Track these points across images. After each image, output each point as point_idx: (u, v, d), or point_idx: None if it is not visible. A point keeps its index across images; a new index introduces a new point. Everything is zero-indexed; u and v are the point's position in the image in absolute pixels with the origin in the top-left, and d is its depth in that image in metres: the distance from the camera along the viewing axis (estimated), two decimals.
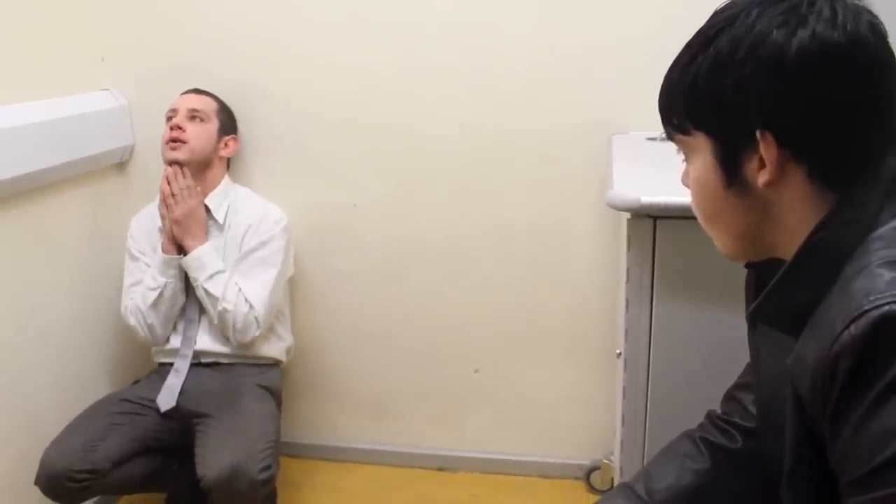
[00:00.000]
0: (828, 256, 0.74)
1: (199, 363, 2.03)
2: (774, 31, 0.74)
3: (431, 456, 2.37)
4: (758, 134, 0.75)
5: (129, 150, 2.25)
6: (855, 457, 0.66)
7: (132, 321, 2.02)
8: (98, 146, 2.12)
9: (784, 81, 0.73)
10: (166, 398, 1.94)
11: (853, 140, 0.75)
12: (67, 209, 2.06)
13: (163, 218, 2.00)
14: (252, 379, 2.02)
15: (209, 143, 2.04)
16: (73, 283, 2.08)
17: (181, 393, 1.95)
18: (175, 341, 2.04)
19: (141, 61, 2.20)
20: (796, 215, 0.78)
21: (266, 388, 2.02)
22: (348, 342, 2.34)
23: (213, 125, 2.06)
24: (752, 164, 0.77)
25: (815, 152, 0.75)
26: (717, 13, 0.80)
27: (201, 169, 2.03)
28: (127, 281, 2.07)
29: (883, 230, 0.73)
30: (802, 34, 0.72)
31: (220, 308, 1.96)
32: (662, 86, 0.85)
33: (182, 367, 2.00)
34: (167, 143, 2.00)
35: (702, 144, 0.82)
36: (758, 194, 0.79)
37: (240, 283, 1.99)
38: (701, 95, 0.79)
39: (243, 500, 1.74)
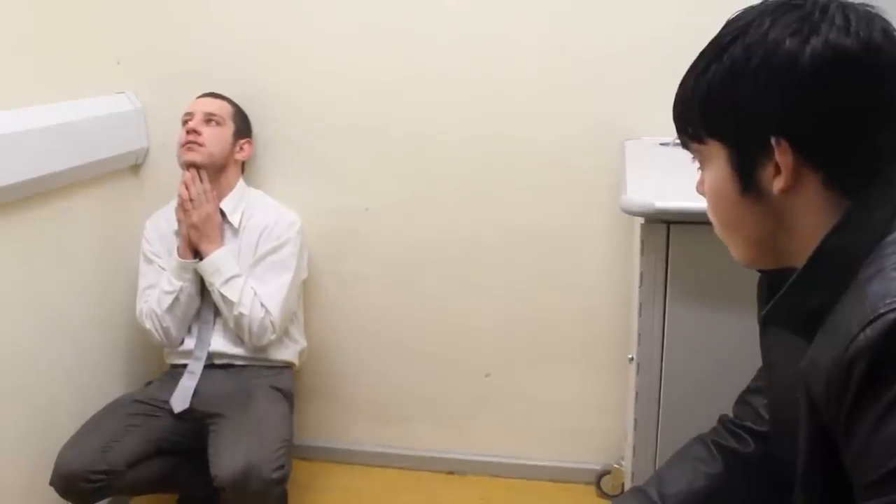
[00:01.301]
0: (841, 261, 0.75)
1: (213, 365, 2.03)
2: (787, 40, 0.74)
3: (441, 459, 2.37)
4: (773, 141, 0.76)
5: (144, 153, 2.27)
6: (870, 460, 0.67)
7: (147, 325, 2.03)
8: (113, 149, 2.14)
9: (798, 88, 0.74)
10: (180, 400, 1.95)
11: (868, 146, 0.75)
12: (81, 211, 2.07)
13: (179, 222, 2.01)
14: (265, 380, 2.03)
15: (225, 146, 2.05)
16: (87, 284, 2.09)
17: (194, 394, 1.96)
18: (189, 343, 2.05)
19: (156, 65, 2.22)
20: (811, 221, 0.78)
21: (279, 390, 2.03)
22: (359, 345, 2.34)
23: (229, 129, 2.07)
24: (768, 171, 0.78)
25: (831, 158, 0.76)
26: (730, 22, 0.80)
27: (217, 172, 2.04)
28: (142, 284, 2.08)
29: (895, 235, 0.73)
30: (815, 42, 0.73)
31: (235, 312, 1.97)
32: (677, 95, 0.85)
33: (196, 369, 2.01)
34: (183, 145, 2.01)
35: (717, 152, 0.82)
36: (773, 201, 0.79)
37: (255, 287, 2.00)
38: (715, 104, 0.80)
39: (257, 499, 1.74)
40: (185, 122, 2.04)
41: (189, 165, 2.00)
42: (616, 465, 2.17)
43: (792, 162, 0.76)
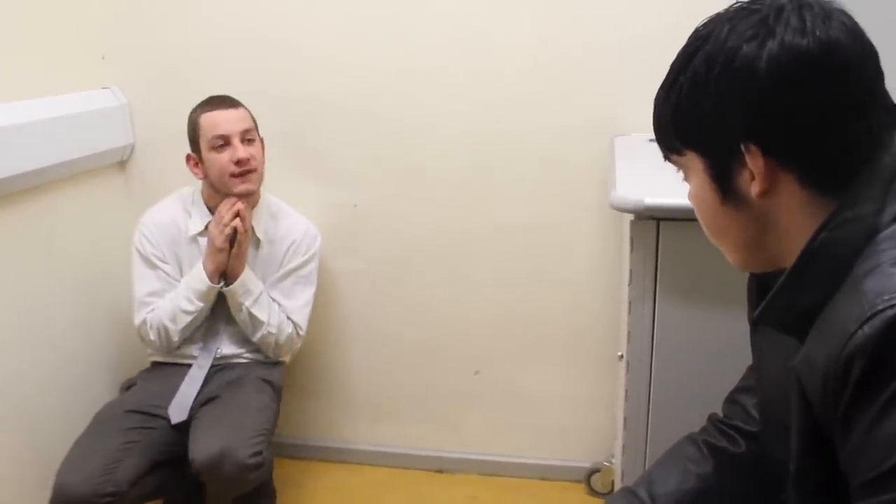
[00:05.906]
0: (832, 257, 0.74)
1: (210, 366, 1.98)
2: (744, 45, 0.74)
3: (431, 457, 2.36)
4: (742, 147, 0.76)
5: (130, 149, 2.25)
6: (868, 458, 0.66)
7: (152, 336, 1.94)
8: (98, 145, 2.12)
9: (759, 93, 0.74)
10: (178, 410, 1.87)
11: (839, 142, 0.74)
12: (67, 207, 2.05)
13: (220, 250, 1.88)
14: (255, 372, 1.99)
15: (263, 161, 1.97)
16: (71, 281, 2.07)
17: None
18: (189, 349, 1.99)
19: (142, 60, 2.19)
20: (795, 222, 0.78)
21: (268, 382, 1.99)
22: (348, 342, 2.33)
23: (260, 141, 1.97)
24: (744, 177, 0.78)
25: (802, 158, 0.75)
26: (694, 32, 0.81)
27: None
28: (143, 289, 1.97)
29: (889, 231, 0.72)
30: (771, 45, 0.73)
31: (264, 332, 1.96)
32: (653, 109, 0.86)
33: (199, 376, 1.94)
34: (236, 176, 1.88)
35: (695, 163, 0.83)
36: (754, 206, 0.79)
37: (281, 300, 2.00)
38: (685, 115, 0.81)
39: (231, 483, 1.72)
40: (220, 147, 1.88)
41: (245, 196, 1.91)
42: (606, 464, 2.16)
43: (763, 166, 0.76)
